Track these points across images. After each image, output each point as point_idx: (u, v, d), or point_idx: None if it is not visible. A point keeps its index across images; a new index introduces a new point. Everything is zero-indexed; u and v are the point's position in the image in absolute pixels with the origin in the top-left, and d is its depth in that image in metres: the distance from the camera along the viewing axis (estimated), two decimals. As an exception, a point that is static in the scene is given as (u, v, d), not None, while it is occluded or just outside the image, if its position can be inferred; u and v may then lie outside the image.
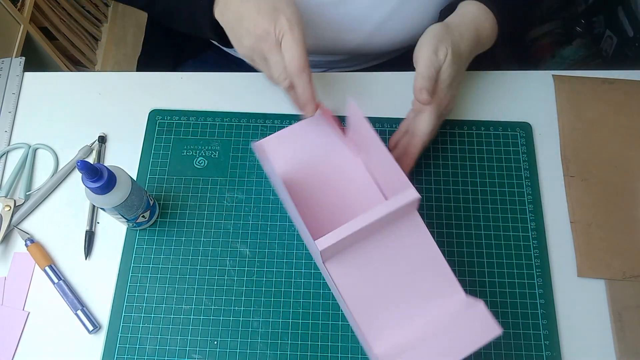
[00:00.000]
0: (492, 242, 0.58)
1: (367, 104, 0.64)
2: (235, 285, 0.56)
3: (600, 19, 1.23)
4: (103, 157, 0.63)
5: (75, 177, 0.62)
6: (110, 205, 0.50)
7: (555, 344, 0.53)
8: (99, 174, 0.47)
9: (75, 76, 0.70)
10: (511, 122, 0.63)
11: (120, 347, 0.54)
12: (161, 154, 0.62)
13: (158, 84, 0.66)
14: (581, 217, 0.58)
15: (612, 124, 0.63)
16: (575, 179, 0.60)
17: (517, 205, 0.59)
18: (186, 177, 0.61)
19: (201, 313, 0.55)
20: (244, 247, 0.58)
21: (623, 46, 1.14)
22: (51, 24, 1.27)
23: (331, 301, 0.55)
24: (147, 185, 0.61)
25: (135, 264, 0.57)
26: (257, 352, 0.53)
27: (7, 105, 0.65)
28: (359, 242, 0.48)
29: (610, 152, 0.61)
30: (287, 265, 0.57)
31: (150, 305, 0.55)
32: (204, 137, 0.63)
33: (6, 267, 0.57)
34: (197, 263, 0.57)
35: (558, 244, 0.58)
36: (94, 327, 0.54)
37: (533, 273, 0.56)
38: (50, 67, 1.25)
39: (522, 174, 0.61)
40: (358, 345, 0.53)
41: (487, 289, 0.56)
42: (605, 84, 0.65)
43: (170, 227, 0.59)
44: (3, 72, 0.67)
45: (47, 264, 0.56)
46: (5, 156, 0.63)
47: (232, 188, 0.60)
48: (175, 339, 0.54)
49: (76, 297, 0.55)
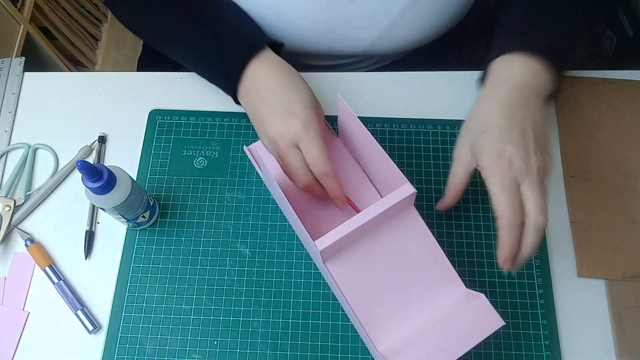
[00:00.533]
0: (492, 242, 0.58)
1: (369, 103, 0.64)
2: (235, 285, 0.56)
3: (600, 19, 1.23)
4: (103, 157, 0.63)
5: (75, 177, 0.62)
6: (110, 205, 0.50)
7: (555, 344, 0.53)
8: (99, 174, 0.47)
9: (75, 76, 0.70)
10: (511, 122, 0.63)
11: (120, 347, 0.54)
12: (161, 154, 0.62)
13: (158, 84, 0.66)
14: (581, 217, 0.58)
15: (612, 124, 0.63)
16: (575, 179, 0.60)
17: (517, 205, 0.59)
18: (186, 177, 0.61)
19: (201, 313, 0.55)
20: (244, 247, 0.58)
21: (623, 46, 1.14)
22: (51, 24, 1.27)
23: (331, 301, 0.55)
24: (147, 185, 0.61)
25: (135, 264, 0.57)
26: (257, 352, 0.53)
27: (7, 105, 0.65)
28: (358, 240, 0.48)
29: (610, 152, 0.61)
30: (287, 265, 0.57)
31: (150, 305, 0.55)
32: (204, 137, 0.63)
33: (6, 267, 0.57)
34: (197, 263, 0.57)
35: (558, 244, 0.58)
36: (94, 327, 0.54)
37: (533, 273, 0.56)
38: (50, 67, 1.25)
39: (522, 174, 0.61)
40: (358, 345, 0.53)
41: (487, 289, 0.55)
42: (605, 84, 0.65)
43: (170, 227, 0.59)
44: (3, 72, 0.67)
45: (47, 264, 0.56)
46: (5, 156, 0.63)
47: (232, 188, 0.60)
48: (175, 339, 0.54)
49: (76, 297, 0.55)
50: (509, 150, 0.46)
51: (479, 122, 0.49)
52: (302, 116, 0.50)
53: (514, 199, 0.45)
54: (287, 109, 0.51)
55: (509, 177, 0.45)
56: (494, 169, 0.46)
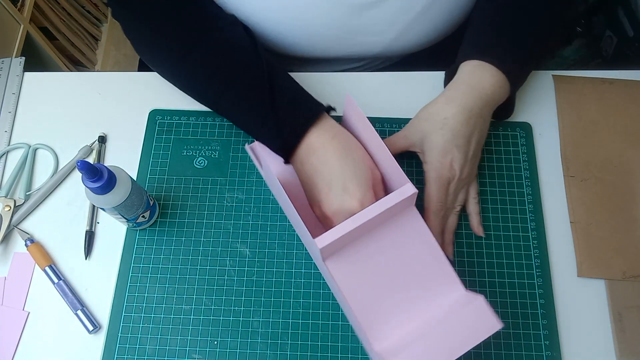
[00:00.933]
0: (492, 242, 0.58)
1: (369, 103, 0.64)
2: (235, 285, 0.56)
3: (600, 19, 1.23)
4: (103, 157, 0.63)
5: (75, 177, 0.62)
6: (110, 205, 0.50)
7: (555, 344, 0.53)
8: (99, 174, 0.47)
9: (75, 76, 0.70)
10: (511, 122, 0.63)
11: (120, 347, 0.54)
12: (161, 154, 0.62)
13: (158, 84, 0.66)
14: (581, 217, 0.58)
15: (612, 124, 0.63)
16: (575, 179, 0.60)
17: (517, 205, 0.59)
18: (186, 177, 0.61)
19: (201, 313, 0.55)
20: (244, 247, 0.58)
21: (623, 46, 1.14)
22: (51, 24, 1.27)
23: (331, 301, 0.55)
24: (147, 185, 0.61)
25: (135, 264, 0.57)
26: (257, 352, 0.53)
27: (7, 105, 0.65)
28: (358, 239, 0.48)
29: (610, 152, 0.61)
30: (287, 265, 0.57)
31: (150, 305, 0.55)
32: (204, 137, 0.63)
33: (6, 267, 0.57)
34: (197, 263, 0.57)
35: (558, 244, 0.58)
36: (94, 327, 0.54)
37: (533, 273, 0.56)
38: (50, 67, 1.25)
39: (522, 174, 0.61)
40: (358, 345, 0.53)
41: (487, 289, 0.55)
42: (605, 84, 0.65)
43: (170, 227, 0.59)
44: (3, 72, 0.67)
45: (47, 264, 0.56)
46: (5, 156, 0.63)
47: (232, 188, 0.60)
48: (175, 339, 0.54)
49: (76, 297, 0.55)
50: (454, 154, 0.53)
51: (439, 116, 0.54)
52: (359, 194, 0.48)
53: (444, 194, 0.54)
54: (343, 186, 0.48)
55: (445, 176, 0.54)
56: (437, 166, 0.54)
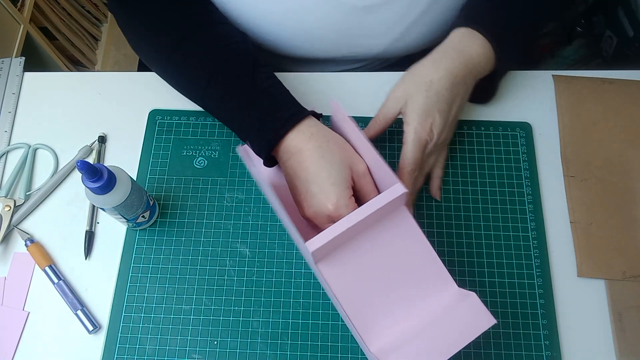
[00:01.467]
0: (492, 242, 0.58)
1: (368, 103, 0.64)
2: (235, 285, 0.56)
3: (600, 19, 1.23)
4: (103, 157, 0.63)
5: (75, 177, 0.62)
6: (110, 205, 0.50)
7: (555, 344, 0.53)
8: (99, 174, 0.48)
9: (75, 76, 0.70)
10: (511, 122, 0.63)
11: (120, 347, 0.54)
12: (161, 154, 0.62)
13: (158, 84, 0.66)
14: (581, 217, 0.58)
15: (612, 124, 0.63)
16: (575, 179, 0.60)
17: (517, 205, 0.59)
18: (186, 177, 0.61)
19: (201, 313, 0.55)
20: (244, 247, 0.58)
21: (623, 46, 1.14)
22: (51, 24, 1.27)
23: (331, 301, 0.55)
24: (147, 185, 0.61)
25: (135, 264, 0.57)
26: (257, 352, 0.53)
27: (7, 105, 0.65)
28: (350, 240, 0.48)
29: (610, 152, 0.61)
30: (287, 265, 0.57)
31: (150, 305, 0.55)
32: (204, 137, 0.63)
33: (6, 267, 0.57)
34: (197, 263, 0.57)
35: (558, 244, 0.58)
36: (94, 327, 0.54)
37: (533, 273, 0.56)
38: (50, 67, 1.25)
39: (522, 174, 0.61)
40: (357, 346, 0.53)
41: (487, 289, 0.55)
42: (605, 84, 0.65)
43: (170, 227, 0.59)
44: (3, 72, 0.67)
45: (47, 264, 0.56)
46: (5, 156, 0.63)
47: (232, 188, 0.60)
48: (175, 339, 0.54)
49: (76, 297, 0.55)
50: (435, 118, 0.54)
51: (425, 78, 0.54)
52: (333, 196, 0.48)
53: (420, 156, 0.54)
54: (319, 187, 0.49)
55: (424, 138, 0.54)
56: (417, 127, 0.53)
